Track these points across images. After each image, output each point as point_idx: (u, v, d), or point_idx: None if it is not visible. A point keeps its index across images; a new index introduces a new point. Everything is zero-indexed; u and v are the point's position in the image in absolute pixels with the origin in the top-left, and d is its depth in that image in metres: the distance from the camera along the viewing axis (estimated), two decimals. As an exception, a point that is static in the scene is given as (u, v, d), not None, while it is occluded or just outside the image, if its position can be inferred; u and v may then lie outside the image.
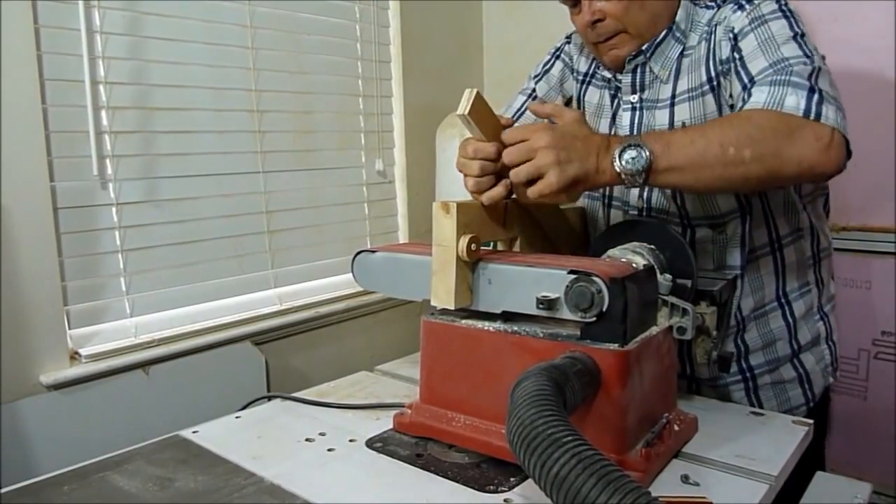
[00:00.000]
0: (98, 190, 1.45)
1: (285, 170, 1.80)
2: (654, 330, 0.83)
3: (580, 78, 1.22)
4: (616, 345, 0.76)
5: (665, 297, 0.85)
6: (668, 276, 0.86)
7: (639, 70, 1.09)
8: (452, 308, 0.83)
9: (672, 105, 1.07)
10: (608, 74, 1.14)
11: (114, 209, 1.48)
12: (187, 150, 1.60)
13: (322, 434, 0.93)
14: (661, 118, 1.08)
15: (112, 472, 0.82)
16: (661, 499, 0.53)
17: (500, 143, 0.91)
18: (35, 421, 1.33)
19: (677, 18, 1.07)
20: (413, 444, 0.88)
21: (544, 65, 1.28)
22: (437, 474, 0.81)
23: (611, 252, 0.90)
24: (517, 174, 0.85)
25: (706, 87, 1.03)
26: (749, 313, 1.10)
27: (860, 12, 1.59)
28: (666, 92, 1.08)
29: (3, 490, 0.78)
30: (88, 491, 0.78)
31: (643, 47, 1.07)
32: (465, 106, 0.86)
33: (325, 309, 1.86)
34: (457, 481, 0.79)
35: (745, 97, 0.94)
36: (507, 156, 0.86)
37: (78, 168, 1.42)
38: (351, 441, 0.90)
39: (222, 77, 1.65)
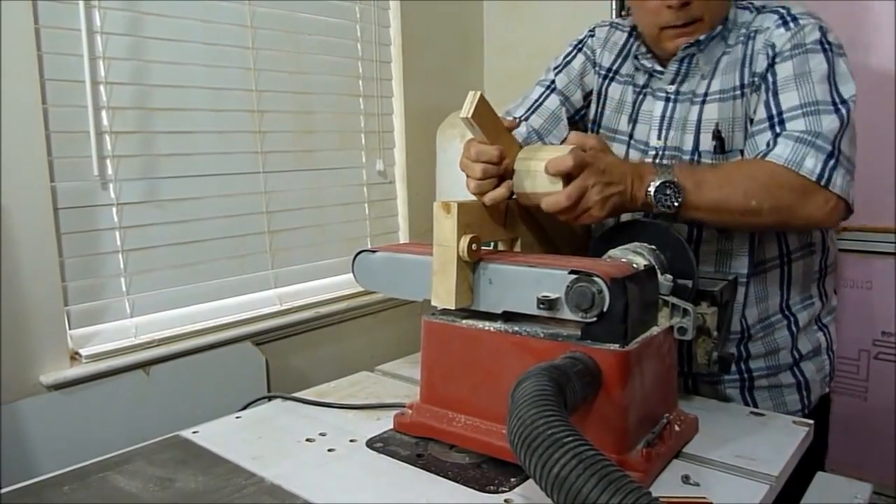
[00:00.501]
0: (98, 190, 1.45)
1: (286, 170, 1.80)
2: (654, 330, 0.83)
3: (602, 73, 1.21)
4: (617, 345, 0.76)
5: (666, 298, 0.85)
6: (669, 277, 0.86)
7: (685, 61, 1.09)
8: (453, 308, 0.83)
9: (703, 102, 1.07)
10: (648, 64, 1.13)
11: (114, 209, 1.48)
12: (188, 150, 1.60)
13: (322, 434, 0.93)
14: (692, 113, 1.08)
15: (112, 473, 0.82)
16: (661, 499, 0.53)
17: (502, 146, 0.91)
18: (35, 421, 1.33)
19: (730, 16, 1.08)
20: (413, 445, 0.88)
21: (565, 56, 1.26)
22: (438, 474, 0.81)
23: (611, 252, 0.90)
24: (566, 213, 0.88)
25: (737, 93, 1.04)
26: (755, 323, 1.10)
27: (860, 12, 1.59)
28: (702, 88, 1.08)
29: (3, 490, 0.78)
30: (88, 491, 0.78)
31: (700, 37, 1.07)
32: (468, 109, 0.86)
33: (326, 309, 1.86)
34: (457, 481, 0.79)
35: (771, 140, 0.97)
36: (568, 199, 0.86)
37: (78, 168, 1.42)
38: (351, 441, 0.90)
39: (222, 77, 1.65)
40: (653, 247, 0.90)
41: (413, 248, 0.94)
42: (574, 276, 0.76)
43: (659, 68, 1.12)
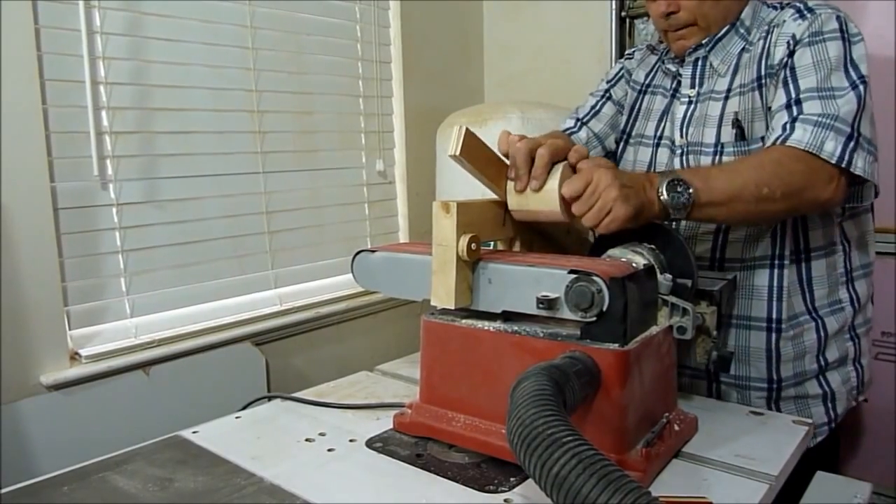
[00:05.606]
0: (98, 190, 1.45)
1: (286, 170, 1.80)
2: (654, 329, 0.83)
3: (637, 88, 1.27)
4: (616, 344, 0.76)
5: (665, 297, 0.85)
6: (669, 276, 0.86)
7: (699, 63, 1.13)
8: (452, 308, 0.83)
9: (726, 98, 1.09)
10: (672, 67, 1.17)
11: (114, 210, 1.48)
12: (187, 150, 1.60)
13: (322, 434, 0.93)
14: (713, 109, 1.10)
15: (112, 473, 0.82)
16: (661, 499, 0.53)
17: (493, 173, 0.91)
18: (35, 421, 1.33)
19: (742, 16, 1.10)
20: (413, 444, 0.88)
21: (616, 73, 1.34)
22: (437, 474, 0.81)
23: (611, 252, 0.90)
24: (589, 219, 0.86)
25: (755, 85, 1.06)
26: (786, 319, 1.09)
27: (860, 12, 1.59)
28: (722, 85, 1.10)
29: (3, 490, 0.78)
30: (88, 491, 0.78)
31: (703, 41, 1.10)
32: (455, 146, 0.83)
33: (326, 309, 1.86)
34: (457, 481, 0.79)
35: (788, 123, 0.97)
36: (578, 207, 0.86)
37: (78, 168, 1.42)
38: (351, 441, 0.90)
39: (222, 77, 1.65)
40: (652, 246, 0.90)
41: (412, 248, 0.94)
42: (573, 276, 0.76)
43: (681, 70, 1.16)
